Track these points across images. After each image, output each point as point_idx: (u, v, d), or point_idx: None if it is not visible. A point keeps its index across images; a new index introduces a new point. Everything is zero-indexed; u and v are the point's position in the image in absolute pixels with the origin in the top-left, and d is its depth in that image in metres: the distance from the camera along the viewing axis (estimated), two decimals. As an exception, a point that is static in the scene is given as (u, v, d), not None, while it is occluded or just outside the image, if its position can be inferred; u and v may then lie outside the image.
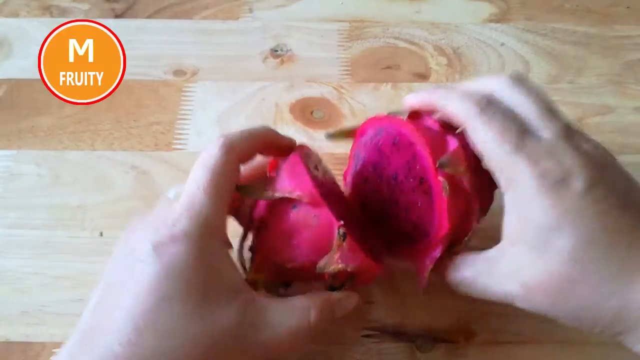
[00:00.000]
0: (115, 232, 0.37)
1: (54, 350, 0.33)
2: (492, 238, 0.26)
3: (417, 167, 0.27)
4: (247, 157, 0.27)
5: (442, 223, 0.26)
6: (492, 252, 0.26)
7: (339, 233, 0.25)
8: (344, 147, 0.41)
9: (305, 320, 0.25)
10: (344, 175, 0.34)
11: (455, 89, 0.27)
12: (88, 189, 0.39)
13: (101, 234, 0.37)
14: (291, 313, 0.25)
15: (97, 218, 0.38)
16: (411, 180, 0.27)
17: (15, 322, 0.34)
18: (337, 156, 0.41)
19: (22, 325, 0.34)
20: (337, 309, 0.27)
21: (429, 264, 0.27)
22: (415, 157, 0.27)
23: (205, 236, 0.23)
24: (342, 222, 0.25)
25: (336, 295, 0.28)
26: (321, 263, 0.26)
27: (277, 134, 0.29)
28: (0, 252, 0.37)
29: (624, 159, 0.42)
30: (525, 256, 0.24)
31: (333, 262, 0.25)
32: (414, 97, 0.29)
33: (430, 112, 0.29)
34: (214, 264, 0.23)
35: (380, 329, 0.34)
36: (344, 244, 0.25)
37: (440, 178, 0.25)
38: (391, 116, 0.30)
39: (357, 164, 0.32)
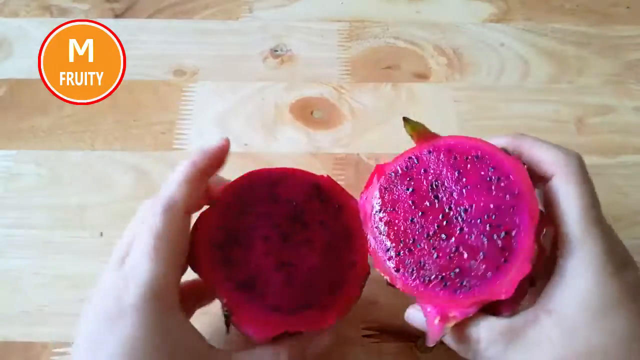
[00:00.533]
0: (115, 232, 0.37)
1: (54, 350, 0.33)
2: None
3: (507, 220, 0.25)
4: (194, 203, 0.26)
5: (505, 288, 0.24)
6: (518, 319, 0.24)
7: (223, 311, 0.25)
8: (344, 148, 0.41)
9: None
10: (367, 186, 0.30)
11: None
12: (88, 189, 0.39)
13: (101, 234, 0.37)
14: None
15: (97, 218, 0.38)
16: (491, 227, 0.25)
17: (15, 322, 0.34)
18: (338, 156, 0.41)
19: (22, 325, 0.34)
20: (309, 349, 0.27)
21: (453, 318, 0.24)
22: (515, 209, 0.25)
23: (155, 306, 0.22)
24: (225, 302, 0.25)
25: (306, 336, 0.27)
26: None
27: (206, 156, 0.27)
28: (0, 252, 0.37)
29: (624, 159, 0.42)
30: (564, 329, 0.22)
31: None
32: (500, 138, 0.28)
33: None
34: (171, 335, 0.22)
35: (380, 329, 0.34)
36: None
37: (535, 246, 0.24)
38: (487, 143, 0.28)
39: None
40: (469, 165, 0.27)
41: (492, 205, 0.25)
